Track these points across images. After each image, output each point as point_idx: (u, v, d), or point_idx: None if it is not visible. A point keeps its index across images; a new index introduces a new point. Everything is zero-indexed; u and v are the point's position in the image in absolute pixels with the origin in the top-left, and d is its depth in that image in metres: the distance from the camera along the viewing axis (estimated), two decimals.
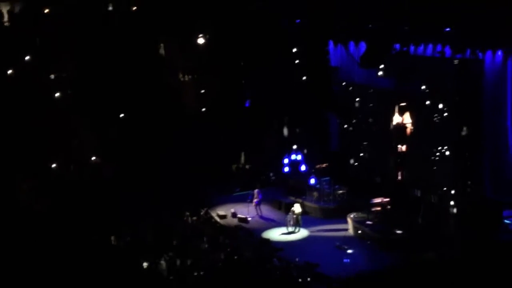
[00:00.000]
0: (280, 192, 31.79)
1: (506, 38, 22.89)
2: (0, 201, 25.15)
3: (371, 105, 30.76)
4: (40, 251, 22.53)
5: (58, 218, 24.95)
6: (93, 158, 29.75)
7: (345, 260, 24.17)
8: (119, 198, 27.86)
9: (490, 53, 24.23)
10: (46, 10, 29.59)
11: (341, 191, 29.66)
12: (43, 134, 27.92)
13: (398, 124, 28.39)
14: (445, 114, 26.14)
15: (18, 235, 23.32)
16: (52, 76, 29.78)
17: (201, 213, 28.86)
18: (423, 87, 27.09)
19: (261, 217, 29.58)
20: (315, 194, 29.92)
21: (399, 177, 28.75)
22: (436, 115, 26.56)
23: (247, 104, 33.83)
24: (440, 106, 26.39)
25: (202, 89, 33.41)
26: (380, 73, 28.15)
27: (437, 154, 26.70)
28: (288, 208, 28.82)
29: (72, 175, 28.87)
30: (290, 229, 27.65)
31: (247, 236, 26.77)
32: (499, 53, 24.07)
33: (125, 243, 24.57)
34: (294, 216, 27.60)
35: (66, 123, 28.60)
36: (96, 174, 29.18)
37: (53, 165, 28.58)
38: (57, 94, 29.15)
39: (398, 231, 25.36)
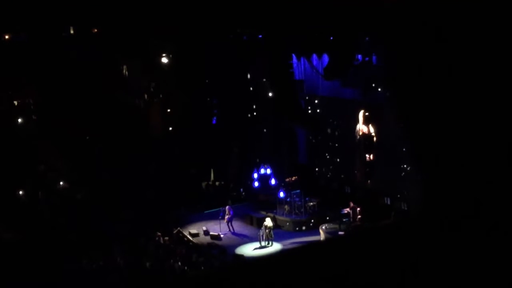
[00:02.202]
0: (251, 208, 31.80)
1: None
2: None
3: (337, 116, 31.00)
4: (9, 280, 22.22)
5: (28, 246, 24.62)
6: (61, 183, 29.49)
7: None
8: (89, 222, 27.59)
9: None
10: (7, 36, 29.36)
11: (312, 203, 29.77)
12: (10, 162, 27.60)
13: (364, 133, 28.66)
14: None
15: None
16: (16, 103, 29.52)
17: (173, 233, 28.70)
18: (386, 96, 27.37)
19: (234, 233, 29.52)
20: (286, 207, 29.97)
21: (369, 186, 28.99)
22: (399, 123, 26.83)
23: (213, 121, 33.91)
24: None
25: (168, 108, 33.40)
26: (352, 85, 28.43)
27: (403, 162, 26.96)
28: (259, 223, 28.82)
29: (40, 201, 28.56)
30: (263, 243, 27.62)
31: (220, 253, 26.68)
32: None
33: (97, 267, 24.29)
34: (267, 230, 27.59)
35: (32, 149, 28.34)
36: (64, 199, 28.92)
37: (20, 192, 28.25)
38: (20, 120, 28.86)
39: None
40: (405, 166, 26.96)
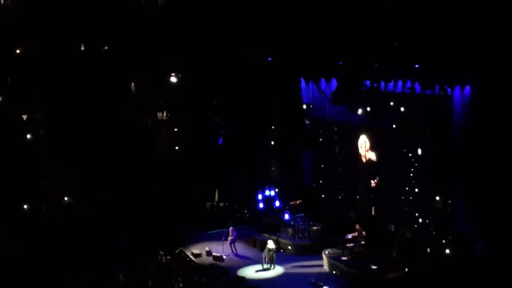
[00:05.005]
0: (254, 229, 31.74)
1: (474, 74, 23.33)
2: None
3: (343, 140, 31.03)
4: None
5: (31, 261, 24.63)
6: (66, 198, 29.54)
7: None
8: (92, 239, 27.60)
9: (459, 89, 24.62)
10: (18, 51, 29.60)
11: (315, 227, 29.70)
12: (15, 175, 27.69)
13: (369, 159, 28.66)
14: (416, 148, 26.44)
15: None
16: (24, 117, 29.69)
17: (176, 252, 28.65)
18: (394, 122, 27.43)
19: (236, 255, 29.45)
20: (290, 230, 29.91)
21: (373, 212, 28.92)
22: (407, 150, 26.86)
23: (220, 142, 33.97)
24: (411, 141, 26.71)
25: (175, 128, 33.50)
26: (360, 111, 28.51)
27: (409, 189, 26.94)
28: (262, 245, 28.75)
29: (45, 217, 28.60)
30: (265, 266, 27.54)
31: (222, 274, 26.62)
32: (467, 88, 24.49)
33: (98, 284, 24.25)
34: (269, 253, 27.52)
35: (38, 163, 28.44)
36: (68, 215, 28.96)
37: (25, 207, 28.31)
38: (29, 135, 29.01)
39: (373, 266, 25.40)
40: (409, 193, 26.94)
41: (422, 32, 22.84)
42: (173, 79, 31.76)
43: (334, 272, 26.17)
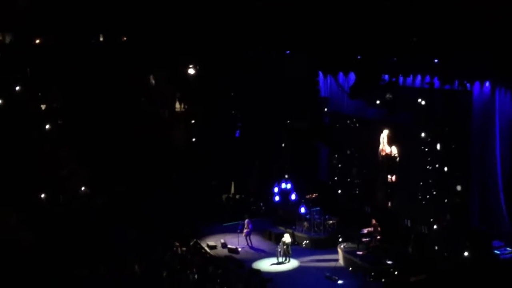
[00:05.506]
0: (270, 222, 31.74)
1: (493, 69, 23.11)
2: None
3: (360, 135, 30.90)
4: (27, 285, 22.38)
5: (46, 251, 24.76)
6: (83, 188, 29.68)
7: None
8: (108, 229, 27.72)
9: (478, 84, 24.42)
10: (37, 41, 29.73)
11: (331, 221, 29.63)
12: (33, 164, 27.84)
13: (387, 154, 28.51)
14: (434, 144, 26.28)
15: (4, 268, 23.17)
16: (43, 107, 29.82)
17: (191, 244, 28.72)
18: (412, 117, 27.27)
19: (251, 247, 29.47)
20: (305, 224, 29.87)
21: (389, 207, 28.79)
22: (424, 145, 26.71)
23: (237, 134, 33.95)
24: (429, 136, 26.55)
25: (192, 119, 33.52)
26: (377, 102, 28.38)
27: (426, 184, 26.79)
28: (278, 238, 28.75)
29: (61, 206, 28.74)
30: (280, 259, 27.54)
31: (237, 266, 26.64)
32: (487, 84, 24.27)
33: (114, 274, 24.37)
34: (284, 246, 27.51)
35: (56, 153, 28.57)
36: (85, 205, 29.09)
37: (42, 196, 28.46)
38: (47, 125, 29.15)
39: (389, 262, 25.31)
40: (425, 188, 26.80)
41: (441, 27, 22.66)
42: (191, 71, 31.76)
43: (350, 268, 26.10)
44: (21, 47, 29.65)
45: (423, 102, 26.44)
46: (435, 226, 26.06)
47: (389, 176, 28.45)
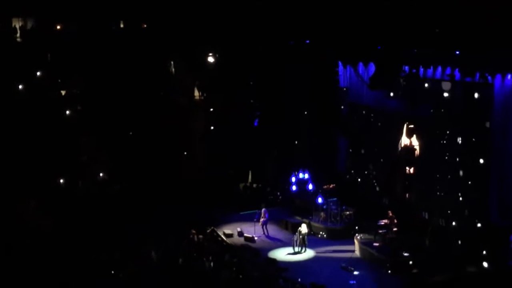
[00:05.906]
0: (286, 212, 31.72)
1: None
2: (6, 219, 25.21)
3: (379, 126, 30.76)
4: (45, 269, 22.57)
5: (65, 235, 24.98)
6: (101, 174, 29.86)
7: (350, 282, 24.07)
8: (126, 215, 27.88)
9: (500, 77, 24.15)
10: (58, 27, 29.87)
11: (348, 212, 29.57)
12: (52, 150, 28.05)
13: (406, 146, 28.35)
14: (453, 137, 26.11)
15: (23, 252, 23.39)
16: (63, 93, 30.01)
17: (208, 231, 28.83)
18: (432, 109, 27.08)
19: (268, 236, 29.51)
20: (322, 214, 29.83)
21: (407, 199, 28.67)
22: (444, 138, 26.54)
23: (255, 123, 33.94)
24: (449, 129, 26.38)
25: (211, 108, 33.55)
26: (391, 94, 28.24)
27: (444, 177, 26.64)
28: (294, 228, 28.75)
29: (80, 192, 28.96)
30: (296, 249, 27.55)
31: (253, 255, 26.70)
32: (509, 77, 24.01)
33: (131, 261, 24.53)
34: (301, 236, 27.52)
35: (76, 139, 28.76)
36: (103, 191, 29.28)
37: (61, 181, 28.69)
38: (67, 111, 29.34)
39: (405, 254, 25.23)
40: (444, 181, 26.65)
41: (463, 19, 22.44)
42: (210, 59, 31.77)
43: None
44: (42, 33, 29.83)
45: (445, 95, 26.21)
46: (453, 223, 25.92)
47: (407, 168, 28.31)
